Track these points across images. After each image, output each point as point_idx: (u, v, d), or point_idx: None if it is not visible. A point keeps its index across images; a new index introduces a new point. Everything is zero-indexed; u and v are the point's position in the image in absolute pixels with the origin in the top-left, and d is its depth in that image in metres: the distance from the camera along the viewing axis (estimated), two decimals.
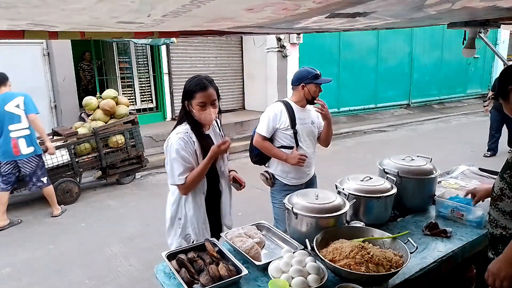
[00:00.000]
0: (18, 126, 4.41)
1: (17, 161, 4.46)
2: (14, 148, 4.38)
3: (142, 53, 8.73)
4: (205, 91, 2.11)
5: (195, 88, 2.11)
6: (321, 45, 10.05)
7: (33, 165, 4.55)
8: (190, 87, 2.13)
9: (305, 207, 1.97)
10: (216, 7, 1.19)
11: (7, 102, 4.38)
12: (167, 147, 2.14)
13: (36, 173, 4.60)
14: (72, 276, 3.51)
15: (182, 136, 2.12)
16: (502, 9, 1.73)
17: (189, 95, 2.13)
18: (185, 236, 2.25)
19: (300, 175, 2.91)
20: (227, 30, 1.99)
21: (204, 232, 2.24)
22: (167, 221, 2.32)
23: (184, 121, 2.20)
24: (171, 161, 2.11)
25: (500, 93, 1.71)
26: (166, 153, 2.16)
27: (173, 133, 2.16)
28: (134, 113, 6.13)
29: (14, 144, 4.38)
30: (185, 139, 2.12)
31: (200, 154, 2.16)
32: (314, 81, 2.81)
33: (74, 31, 1.69)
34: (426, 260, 1.89)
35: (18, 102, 4.43)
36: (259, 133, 2.89)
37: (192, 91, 2.12)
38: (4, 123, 4.36)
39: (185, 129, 2.16)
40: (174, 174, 2.11)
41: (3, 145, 4.39)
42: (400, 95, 12.27)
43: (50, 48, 6.93)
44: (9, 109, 4.38)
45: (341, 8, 1.37)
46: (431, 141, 8.20)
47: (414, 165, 2.47)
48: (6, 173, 4.49)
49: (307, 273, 1.65)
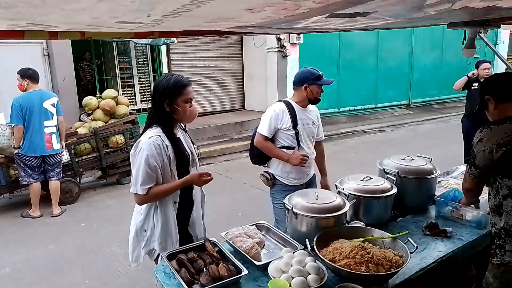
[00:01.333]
0: (51, 123, 4.73)
1: (44, 156, 4.68)
2: (47, 143, 4.66)
3: (142, 53, 8.74)
4: (189, 87, 2.07)
5: (180, 84, 2.04)
6: (321, 45, 10.05)
7: (57, 160, 4.87)
8: (174, 84, 2.03)
9: (305, 207, 1.97)
10: (216, 7, 1.19)
11: (45, 99, 4.68)
12: (136, 152, 2.01)
13: (59, 167, 4.90)
14: (72, 276, 3.51)
15: (155, 140, 2.00)
16: (502, 9, 1.73)
17: (174, 93, 2.03)
18: (149, 251, 2.14)
19: (300, 175, 2.92)
20: (227, 30, 1.99)
21: (171, 246, 2.10)
22: (131, 231, 2.19)
23: (154, 124, 2.08)
24: (137, 168, 2.00)
25: (482, 104, 1.91)
26: (134, 157, 2.03)
27: (143, 137, 2.03)
28: (134, 113, 6.14)
29: (47, 139, 4.67)
30: (158, 144, 2.00)
31: (174, 159, 2.07)
32: (317, 82, 2.80)
33: (74, 31, 1.69)
34: (426, 260, 1.89)
35: (54, 101, 4.78)
36: (261, 133, 2.88)
37: (178, 88, 2.03)
38: (39, 119, 4.59)
39: (156, 132, 2.04)
40: (137, 182, 1.99)
41: (35, 139, 4.58)
42: (400, 95, 12.27)
43: (50, 48, 6.94)
44: (47, 106, 4.67)
45: (341, 8, 1.37)
46: (431, 141, 8.20)
47: (414, 165, 2.47)
48: (33, 166, 4.67)
49: (307, 273, 1.65)
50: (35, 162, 4.66)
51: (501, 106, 1.82)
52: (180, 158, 2.12)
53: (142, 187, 1.99)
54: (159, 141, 2.01)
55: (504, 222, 1.74)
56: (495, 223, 1.81)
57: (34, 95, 4.59)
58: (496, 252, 1.76)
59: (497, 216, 1.80)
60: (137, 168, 2.00)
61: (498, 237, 1.77)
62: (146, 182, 1.99)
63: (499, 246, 1.76)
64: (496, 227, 1.81)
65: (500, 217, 1.78)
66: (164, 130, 2.06)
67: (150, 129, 2.07)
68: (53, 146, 4.71)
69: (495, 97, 1.83)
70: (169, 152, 2.05)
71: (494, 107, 1.84)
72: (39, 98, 4.61)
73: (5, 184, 4.85)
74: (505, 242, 1.73)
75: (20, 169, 4.67)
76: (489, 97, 1.85)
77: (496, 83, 1.92)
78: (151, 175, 1.99)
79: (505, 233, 1.73)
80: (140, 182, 1.99)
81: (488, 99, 1.85)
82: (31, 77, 4.61)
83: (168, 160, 2.04)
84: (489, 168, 1.79)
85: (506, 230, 1.73)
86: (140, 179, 1.98)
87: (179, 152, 2.11)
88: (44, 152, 4.66)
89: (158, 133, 2.04)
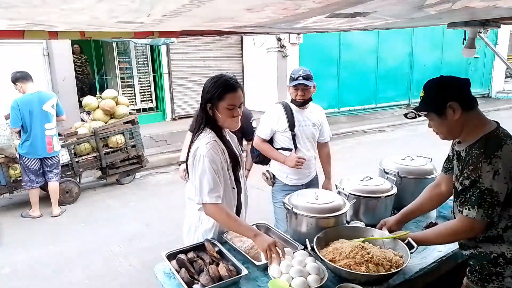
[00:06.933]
0: (52, 125, 4.72)
1: (44, 157, 4.71)
2: (48, 146, 4.67)
3: (142, 53, 8.73)
4: (236, 92, 1.88)
5: (225, 88, 1.87)
6: (321, 45, 10.05)
7: (56, 161, 4.89)
8: (218, 87, 1.87)
9: (305, 207, 1.97)
10: (216, 6, 1.19)
11: (45, 101, 4.65)
12: (196, 160, 1.88)
13: (57, 168, 4.91)
14: (72, 276, 3.50)
15: (213, 146, 1.88)
16: (502, 9, 1.73)
17: (216, 97, 1.87)
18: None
19: (299, 176, 2.91)
20: (227, 30, 1.99)
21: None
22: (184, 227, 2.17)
23: (205, 128, 1.95)
24: (200, 176, 1.85)
25: (435, 106, 1.61)
26: (194, 166, 1.88)
27: (200, 144, 1.89)
28: (134, 113, 6.13)
29: (48, 141, 4.67)
30: (217, 149, 1.89)
31: (230, 164, 1.97)
32: (291, 84, 2.75)
33: (74, 31, 1.69)
34: (426, 260, 1.89)
35: (53, 103, 4.74)
36: (258, 136, 2.90)
37: (221, 92, 1.86)
38: (40, 122, 4.59)
39: (211, 137, 1.91)
40: (202, 191, 1.85)
41: (38, 142, 4.59)
42: (400, 95, 12.28)
43: (50, 48, 6.93)
44: (46, 109, 4.65)
45: (341, 8, 1.37)
46: (431, 141, 8.18)
47: (414, 165, 2.47)
48: (35, 169, 4.69)
49: (307, 273, 1.65)
50: (37, 165, 4.68)
51: (465, 115, 1.57)
52: (233, 162, 2.01)
53: (210, 194, 1.85)
54: (216, 146, 1.90)
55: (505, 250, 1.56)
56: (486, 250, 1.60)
57: (33, 97, 4.57)
58: (492, 278, 1.60)
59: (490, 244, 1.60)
60: (200, 176, 1.86)
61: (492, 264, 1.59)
62: (214, 190, 1.85)
63: (496, 273, 1.59)
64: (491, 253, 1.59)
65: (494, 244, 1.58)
66: (216, 134, 1.95)
67: (204, 134, 1.93)
68: (54, 148, 4.74)
69: (462, 103, 1.56)
70: (226, 157, 1.95)
71: (460, 115, 1.57)
72: (38, 101, 4.59)
73: (5, 184, 4.85)
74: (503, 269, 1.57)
75: (24, 174, 4.69)
76: (453, 104, 1.56)
77: (460, 87, 1.62)
78: (217, 181, 1.87)
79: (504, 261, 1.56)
80: (206, 190, 1.85)
81: (451, 106, 1.56)
82: (23, 78, 4.56)
83: (226, 165, 1.95)
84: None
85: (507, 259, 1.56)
86: (206, 187, 1.85)
87: (232, 156, 2.00)
88: (45, 155, 4.68)
89: (214, 138, 1.92)
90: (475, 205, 1.51)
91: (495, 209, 1.49)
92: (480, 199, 1.49)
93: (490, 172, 1.46)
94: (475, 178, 1.50)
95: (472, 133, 1.60)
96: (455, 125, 1.61)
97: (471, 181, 1.52)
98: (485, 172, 1.47)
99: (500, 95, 14.39)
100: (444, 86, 1.64)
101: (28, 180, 4.67)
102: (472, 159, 1.53)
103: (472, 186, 1.52)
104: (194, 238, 2.10)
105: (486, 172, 1.47)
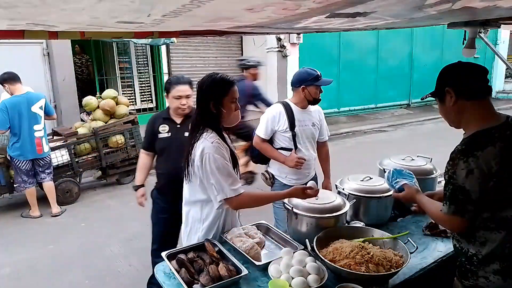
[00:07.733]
0: (40, 127, 4.70)
1: (34, 159, 4.70)
2: (38, 147, 4.66)
3: (142, 53, 8.73)
4: (235, 86, 1.94)
5: (227, 83, 1.91)
6: (321, 45, 10.05)
7: (47, 162, 4.87)
8: (221, 84, 1.90)
9: (305, 207, 1.98)
10: (216, 7, 1.19)
11: (33, 103, 4.64)
12: (205, 159, 1.85)
13: (49, 168, 4.90)
14: (72, 276, 3.50)
15: (218, 143, 1.88)
16: (502, 9, 1.73)
17: (220, 93, 1.90)
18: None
19: (299, 176, 2.91)
20: (227, 30, 1.99)
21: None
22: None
23: (205, 128, 1.94)
24: (214, 173, 1.84)
25: (437, 93, 1.63)
26: (204, 167, 1.86)
27: (205, 144, 1.88)
28: (134, 113, 6.14)
29: (38, 143, 4.66)
30: (221, 148, 1.89)
31: (231, 163, 1.96)
32: (315, 83, 2.76)
33: (74, 31, 1.69)
34: (426, 260, 1.89)
35: (42, 104, 4.72)
36: (258, 135, 2.90)
37: (226, 87, 1.90)
38: (29, 123, 4.59)
39: (214, 136, 1.91)
40: (223, 187, 1.83)
41: (27, 144, 4.59)
42: (400, 95, 12.26)
43: (50, 48, 6.93)
44: (35, 110, 4.64)
45: (341, 8, 1.37)
46: (431, 141, 8.20)
47: (414, 165, 2.47)
48: (27, 170, 4.69)
49: (307, 273, 1.65)
50: (28, 166, 4.67)
51: (460, 103, 1.55)
52: (233, 162, 2.01)
53: (232, 187, 1.84)
54: (220, 144, 1.91)
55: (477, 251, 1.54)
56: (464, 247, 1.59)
57: (21, 99, 4.53)
58: (468, 275, 1.59)
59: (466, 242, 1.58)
60: (217, 173, 1.84)
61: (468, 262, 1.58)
62: (234, 182, 1.86)
63: (470, 270, 1.57)
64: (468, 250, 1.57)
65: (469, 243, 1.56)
66: (217, 133, 1.96)
67: (206, 135, 1.92)
68: (43, 150, 4.72)
69: (457, 91, 1.55)
70: (228, 155, 1.96)
71: (453, 102, 1.56)
72: (27, 102, 4.56)
73: (5, 184, 4.85)
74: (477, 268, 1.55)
75: (17, 176, 4.69)
76: (450, 90, 1.56)
77: (462, 73, 1.61)
78: (233, 173, 1.88)
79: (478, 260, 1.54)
80: (226, 184, 1.84)
81: (448, 92, 1.56)
82: (10, 79, 4.53)
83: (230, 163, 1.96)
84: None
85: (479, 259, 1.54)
86: (225, 182, 1.84)
87: (233, 156, 2.02)
88: (35, 156, 4.67)
89: (217, 137, 1.93)
90: (448, 200, 1.51)
91: (467, 206, 1.47)
92: (453, 195, 1.49)
93: (464, 170, 1.44)
94: (451, 174, 1.50)
95: (469, 125, 1.56)
96: (450, 111, 1.60)
97: (448, 176, 1.51)
98: (460, 170, 1.45)
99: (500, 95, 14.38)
100: (446, 70, 1.66)
101: (21, 181, 4.67)
102: (453, 154, 1.51)
103: (448, 181, 1.52)
104: (194, 238, 2.10)
105: (460, 170, 1.45)
